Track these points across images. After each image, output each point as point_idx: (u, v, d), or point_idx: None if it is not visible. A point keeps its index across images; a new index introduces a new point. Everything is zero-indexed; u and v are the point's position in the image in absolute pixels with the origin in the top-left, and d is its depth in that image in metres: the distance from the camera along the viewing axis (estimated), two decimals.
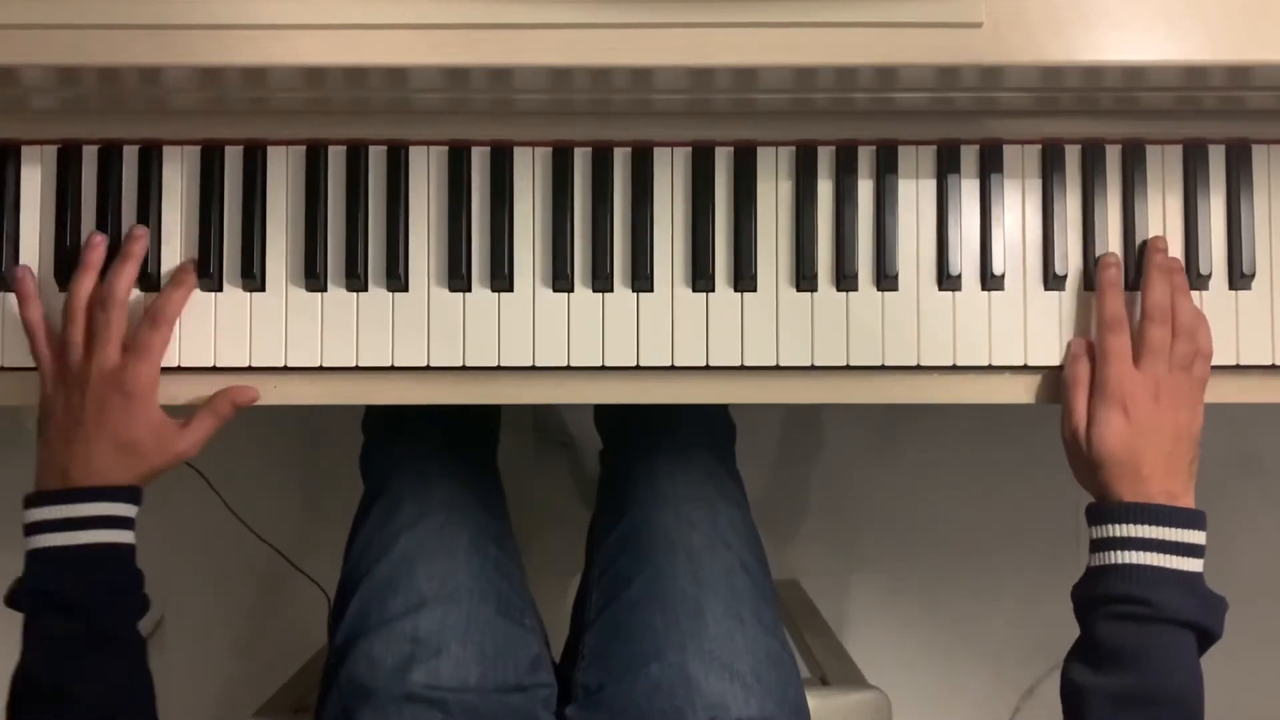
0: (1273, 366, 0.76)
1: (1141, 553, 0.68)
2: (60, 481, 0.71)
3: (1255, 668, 1.55)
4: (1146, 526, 0.68)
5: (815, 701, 0.84)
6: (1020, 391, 0.77)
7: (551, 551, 1.16)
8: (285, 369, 0.76)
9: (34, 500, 0.71)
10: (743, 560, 0.87)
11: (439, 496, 0.87)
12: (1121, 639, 0.67)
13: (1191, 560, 0.68)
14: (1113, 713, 0.66)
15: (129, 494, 0.72)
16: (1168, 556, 0.68)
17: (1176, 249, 0.76)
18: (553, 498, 1.53)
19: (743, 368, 0.76)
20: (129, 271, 0.74)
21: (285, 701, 0.98)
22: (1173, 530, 0.68)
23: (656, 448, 0.93)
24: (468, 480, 0.91)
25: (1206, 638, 0.68)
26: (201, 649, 1.50)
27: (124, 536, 0.72)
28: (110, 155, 0.76)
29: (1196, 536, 0.69)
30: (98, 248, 0.75)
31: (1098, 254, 0.76)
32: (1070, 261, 0.76)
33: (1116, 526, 0.69)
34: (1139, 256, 0.76)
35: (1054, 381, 0.76)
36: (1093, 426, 0.72)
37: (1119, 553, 0.68)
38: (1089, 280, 0.76)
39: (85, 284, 0.74)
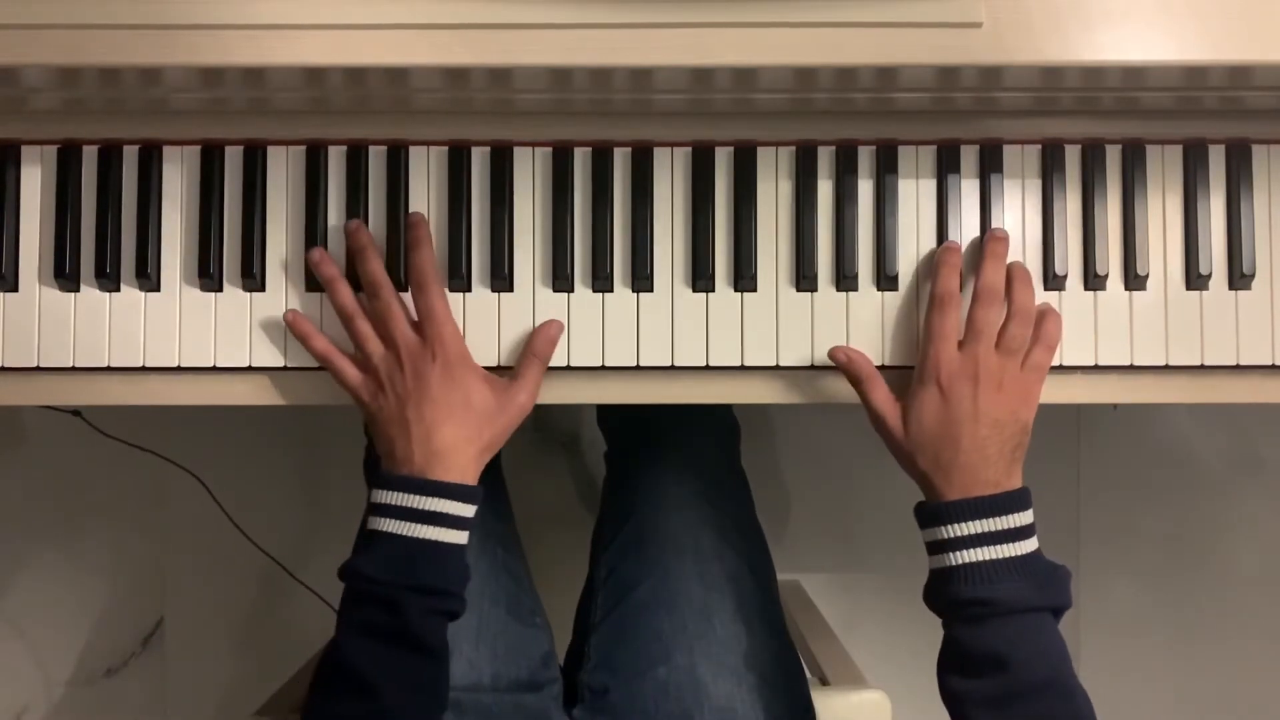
0: (1273, 366, 0.76)
1: (974, 550, 0.67)
2: (407, 467, 0.70)
3: (1256, 666, 1.55)
4: (974, 522, 0.67)
5: (816, 701, 0.84)
6: None
7: (552, 552, 1.17)
8: (285, 369, 0.76)
9: (383, 482, 0.70)
10: (749, 562, 0.87)
11: None
12: (978, 642, 0.67)
13: (1024, 543, 0.68)
14: (992, 716, 0.65)
15: (471, 493, 0.71)
16: (1000, 547, 0.67)
17: (1176, 249, 0.76)
18: (554, 498, 1.53)
19: (743, 368, 0.76)
20: (374, 257, 0.73)
21: (285, 701, 0.98)
22: (1000, 519, 0.67)
23: (661, 449, 0.93)
24: None
25: (1059, 610, 0.68)
26: (201, 649, 1.49)
27: (459, 537, 0.70)
28: (110, 155, 0.76)
29: (1024, 517, 0.68)
30: (325, 262, 0.74)
31: (1098, 253, 0.76)
32: (1070, 261, 0.76)
33: (945, 528, 0.68)
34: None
35: (1058, 382, 0.76)
36: (909, 408, 0.71)
37: (953, 554, 0.68)
38: (1089, 280, 0.76)
39: (343, 291, 0.73)
